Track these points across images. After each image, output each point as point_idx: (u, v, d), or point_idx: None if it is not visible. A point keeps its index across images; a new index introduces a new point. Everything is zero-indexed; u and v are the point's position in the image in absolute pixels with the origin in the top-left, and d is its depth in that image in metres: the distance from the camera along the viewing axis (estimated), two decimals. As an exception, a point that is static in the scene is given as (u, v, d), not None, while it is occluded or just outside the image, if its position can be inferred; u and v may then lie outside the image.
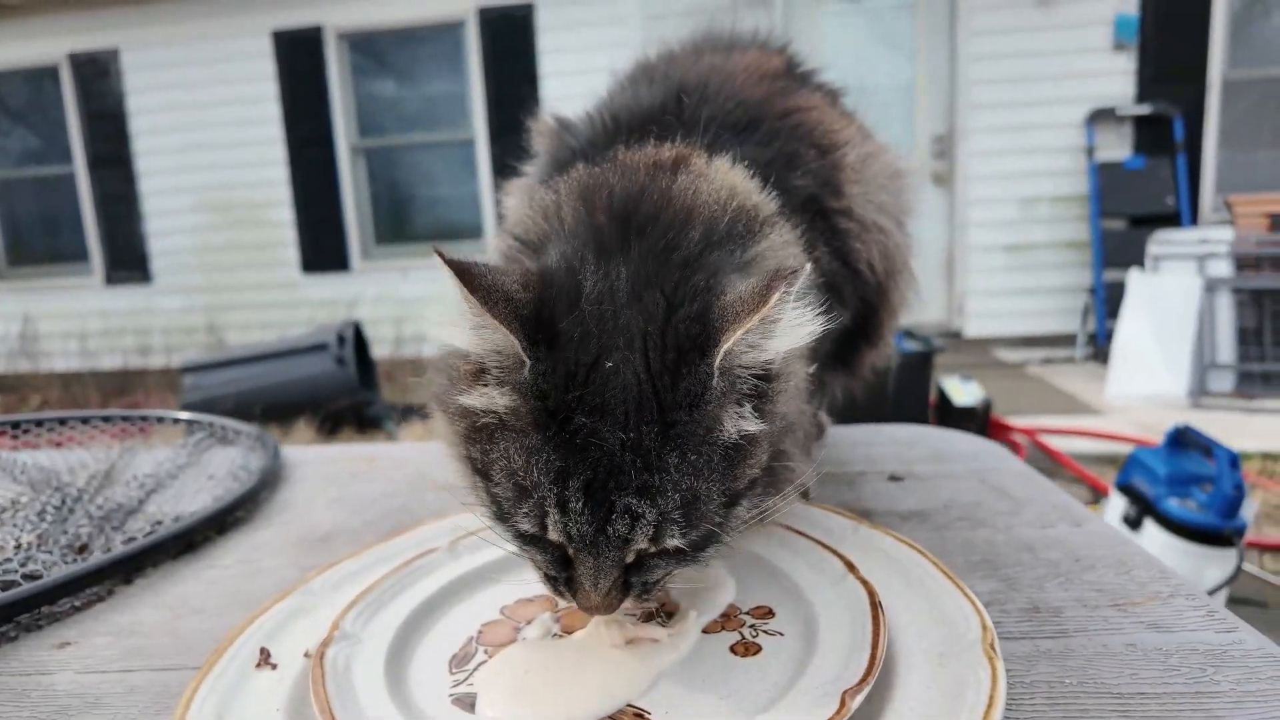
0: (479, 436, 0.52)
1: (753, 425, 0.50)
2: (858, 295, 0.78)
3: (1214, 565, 2.43)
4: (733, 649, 0.54)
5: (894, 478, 0.94)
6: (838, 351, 0.83)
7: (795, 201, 0.70)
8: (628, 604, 0.52)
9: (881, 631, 0.50)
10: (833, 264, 0.74)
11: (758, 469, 0.52)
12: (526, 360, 0.49)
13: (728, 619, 0.58)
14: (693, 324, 0.49)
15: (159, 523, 0.91)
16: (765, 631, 0.56)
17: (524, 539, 0.52)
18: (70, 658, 0.67)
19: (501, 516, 0.52)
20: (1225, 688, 0.52)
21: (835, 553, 0.62)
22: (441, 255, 0.48)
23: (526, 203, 0.64)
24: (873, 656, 0.47)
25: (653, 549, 0.50)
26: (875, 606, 0.53)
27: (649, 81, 0.77)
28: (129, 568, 0.82)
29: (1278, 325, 4.54)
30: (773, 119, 0.73)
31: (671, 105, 0.72)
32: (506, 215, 0.83)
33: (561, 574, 0.52)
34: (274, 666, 0.56)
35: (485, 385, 0.50)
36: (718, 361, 0.48)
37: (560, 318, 0.50)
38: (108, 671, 0.64)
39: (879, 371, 0.92)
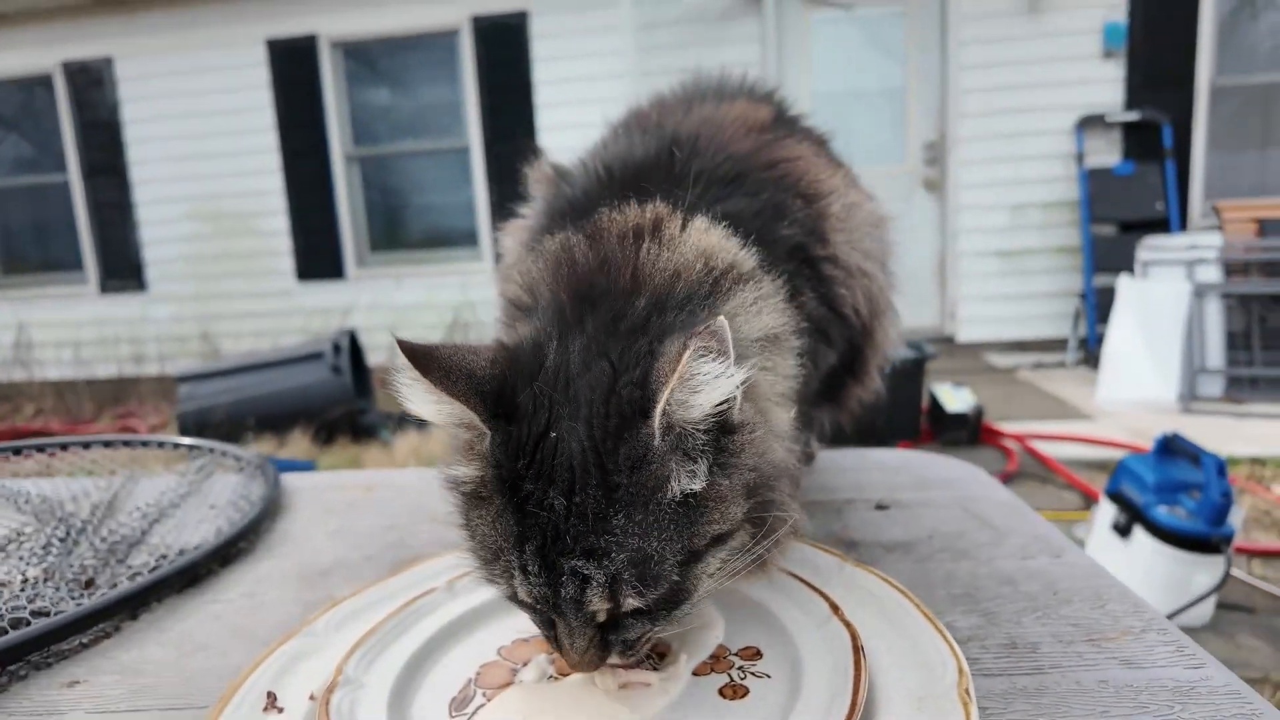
0: (467, 504, 0.56)
1: (701, 483, 0.52)
2: (844, 337, 0.81)
3: (1202, 572, 2.46)
4: (721, 692, 0.57)
5: (880, 506, 0.96)
6: (826, 389, 0.86)
7: (782, 250, 0.73)
8: (613, 659, 0.55)
9: (862, 677, 0.52)
10: (819, 309, 0.77)
11: (726, 524, 0.53)
12: (486, 431, 0.52)
13: (717, 660, 0.60)
14: (634, 389, 0.51)
15: (164, 556, 0.93)
16: (753, 673, 0.58)
17: (511, 600, 0.56)
18: (80, 696, 0.68)
19: (487, 579, 0.56)
20: (1191, 725, 0.54)
21: (821, 593, 0.64)
22: (400, 344, 0.52)
23: (521, 261, 0.68)
24: (852, 704, 0.50)
25: (616, 609, 0.52)
26: (857, 650, 0.55)
27: (642, 131, 0.80)
28: (135, 603, 0.84)
29: (1266, 330, 4.58)
30: (759, 171, 0.75)
31: (664, 158, 0.75)
32: (505, 255, 0.87)
33: (549, 632, 0.55)
34: (280, 710, 0.58)
35: (470, 459, 0.54)
36: (657, 422, 0.50)
37: (521, 392, 0.53)
38: (118, 711, 0.66)
39: (866, 405, 0.95)
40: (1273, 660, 2.25)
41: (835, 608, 0.61)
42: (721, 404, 0.51)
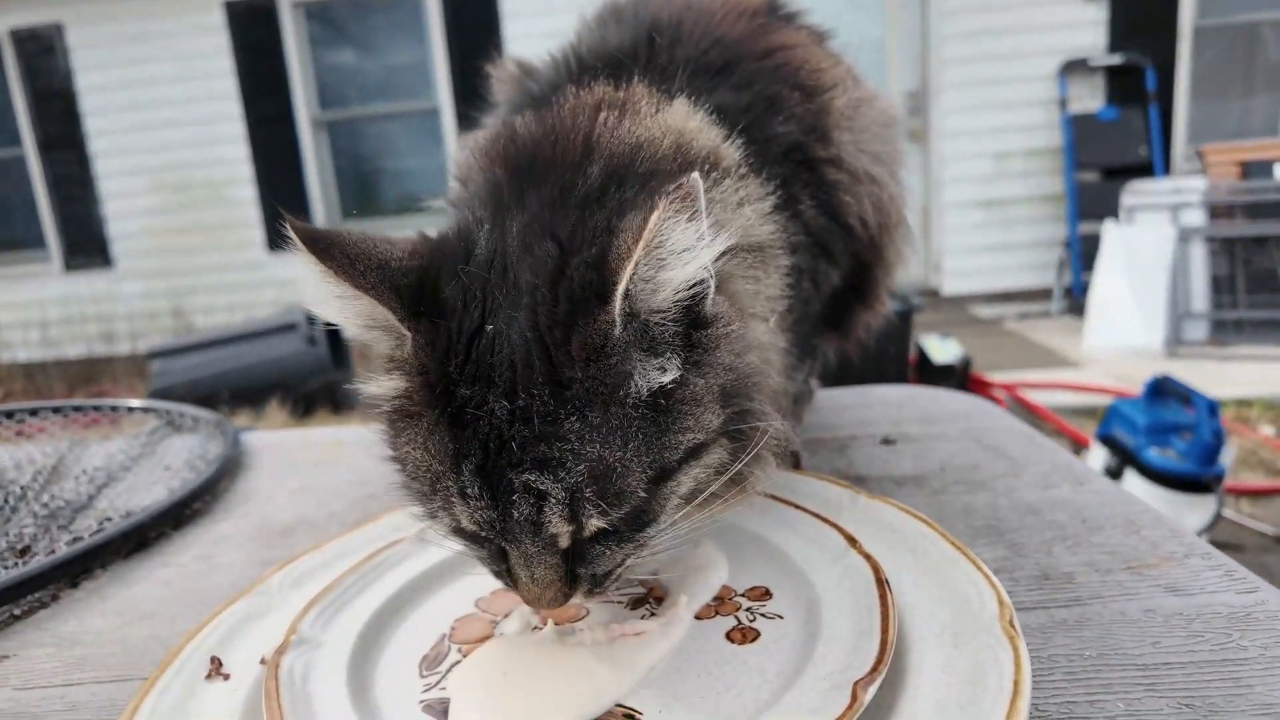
0: (393, 428, 0.47)
1: (671, 375, 0.44)
2: (849, 252, 0.73)
3: (1194, 512, 2.46)
4: (729, 635, 0.50)
5: (886, 441, 0.90)
6: (829, 313, 0.78)
7: (776, 150, 0.64)
8: (578, 599, 0.47)
9: (891, 613, 0.45)
10: (820, 219, 0.68)
11: (699, 434, 0.45)
12: (406, 333, 0.44)
13: (721, 602, 0.54)
14: (588, 270, 0.43)
15: (109, 519, 0.85)
16: (763, 614, 0.52)
17: (455, 534, 0.47)
18: (9, 672, 0.61)
19: (427, 514, 0.48)
20: (1253, 653, 0.49)
21: (834, 525, 0.58)
22: (289, 223, 0.44)
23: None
24: (883, 642, 0.43)
25: (579, 532, 0.44)
26: (882, 584, 0.49)
27: (617, 21, 0.71)
28: (75, 570, 0.76)
29: (1250, 273, 4.57)
30: (752, 59, 0.66)
31: (641, 46, 0.66)
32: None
33: (501, 566, 0.47)
34: (226, 677, 0.51)
35: (390, 369, 0.46)
36: (618, 307, 0.42)
37: (445, 283, 0.45)
38: (49, 686, 0.59)
39: (874, 332, 0.87)
40: (1266, 596, 2.25)
41: (852, 540, 0.55)
42: (694, 286, 0.44)
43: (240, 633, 0.55)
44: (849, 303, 0.79)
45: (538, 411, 0.41)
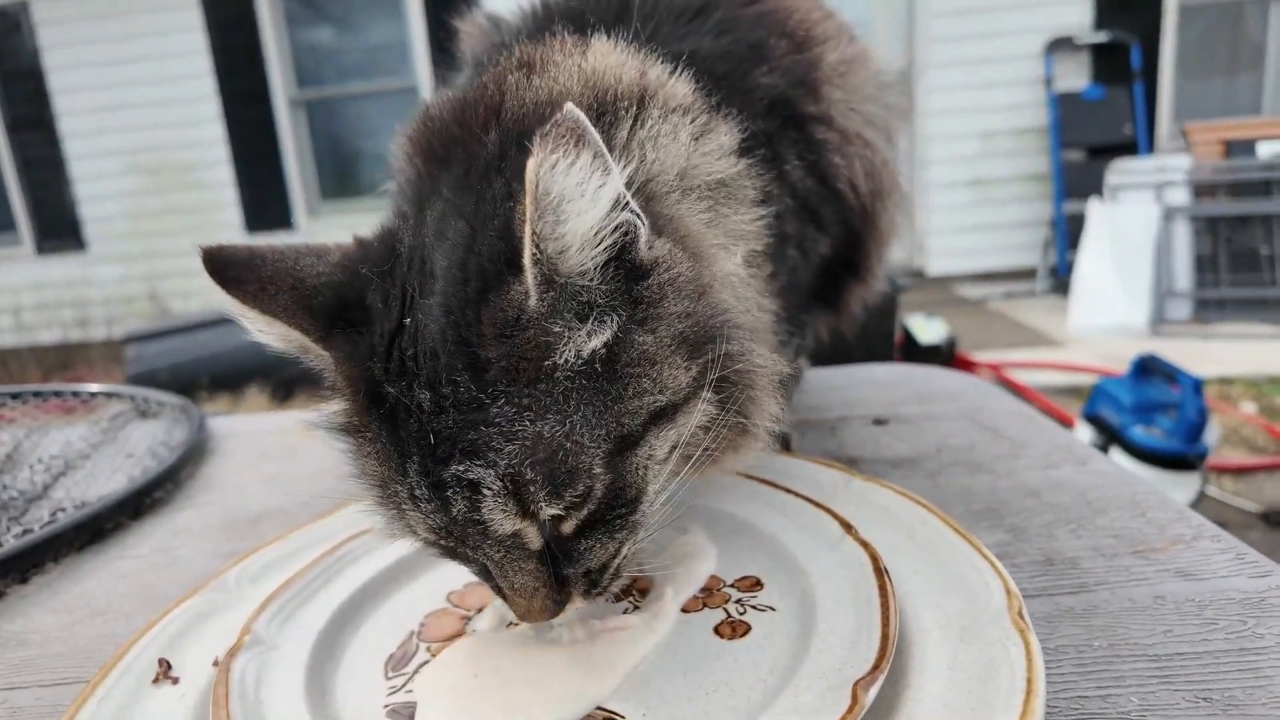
0: (349, 448, 0.45)
1: (603, 339, 0.39)
2: (839, 220, 0.68)
3: (1178, 489, 2.46)
4: (718, 630, 0.47)
5: (878, 421, 0.87)
6: (820, 287, 0.74)
7: (758, 103, 0.59)
8: (578, 603, 0.43)
9: (891, 605, 0.42)
10: (807, 181, 0.64)
11: (662, 395, 0.41)
12: (322, 352, 0.43)
13: (709, 594, 0.50)
14: (494, 241, 0.39)
15: (62, 510, 0.80)
16: (754, 607, 0.48)
17: (427, 547, 0.44)
18: (-53, 676, 0.57)
19: (387, 529, 0.44)
20: (1270, 641, 0.46)
21: (828, 511, 0.54)
22: (203, 251, 0.42)
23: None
24: (884, 637, 0.40)
25: (542, 526, 0.41)
26: (881, 574, 0.45)
27: None
28: (25, 564, 0.72)
29: (1233, 251, 4.58)
30: (734, 5, 0.62)
31: None
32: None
33: (490, 581, 0.44)
34: (175, 681, 0.47)
35: (331, 390, 0.45)
36: (529, 275, 0.37)
37: (368, 291, 0.42)
38: (-11, 691, 0.55)
39: (872, 311, 0.83)
40: (1249, 573, 2.26)
41: (848, 527, 0.51)
42: (613, 232, 0.39)
43: (192, 632, 0.51)
44: (840, 276, 0.75)
45: (459, 398, 0.38)
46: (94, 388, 1.16)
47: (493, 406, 0.38)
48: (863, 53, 0.69)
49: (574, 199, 0.36)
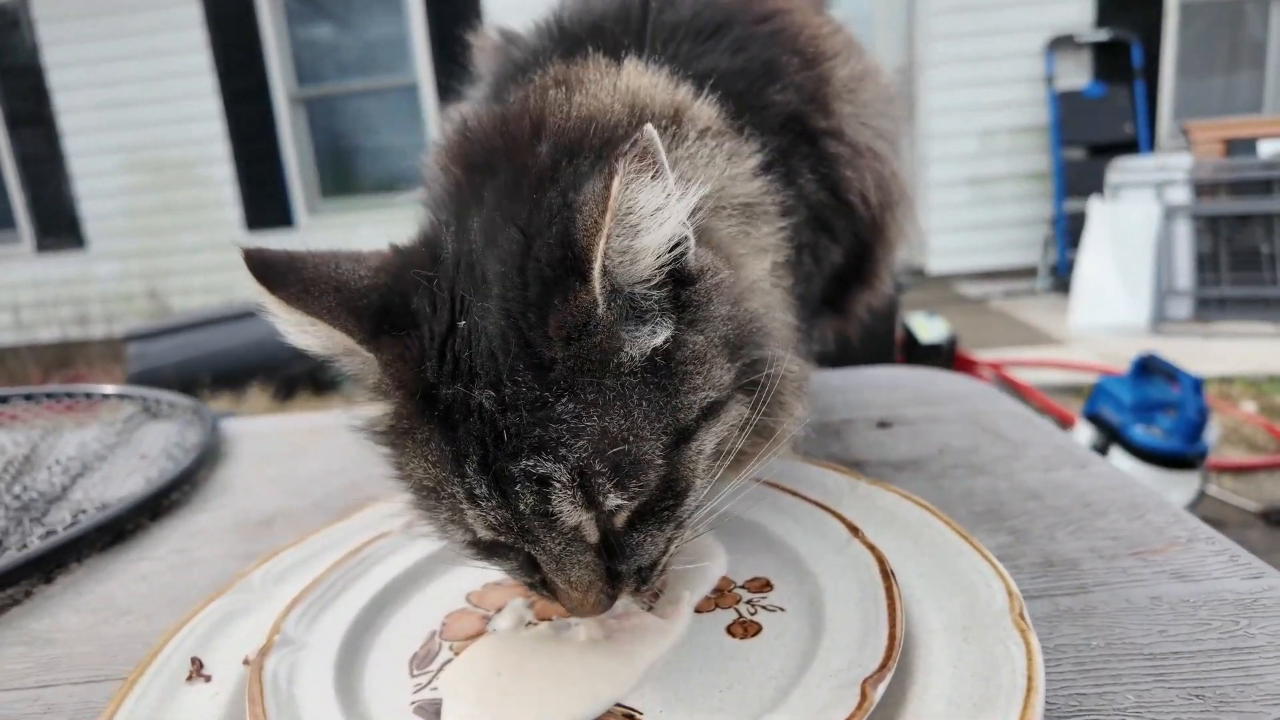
0: (393, 451, 0.46)
1: (664, 335, 0.42)
2: (850, 230, 0.70)
3: (1178, 488, 2.48)
4: (730, 630, 0.48)
5: (882, 424, 0.89)
6: (829, 293, 0.76)
7: (773, 119, 0.62)
8: (625, 600, 0.45)
9: (898, 606, 0.44)
10: (820, 193, 0.66)
11: (712, 391, 0.44)
12: (368, 355, 0.43)
13: (721, 595, 0.52)
14: (554, 249, 0.40)
15: (83, 511, 0.82)
16: (765, 607, 0.50)
17: (474, 548, 0.45)
18: (-21, 673, 0.59)
19: (438, 529, 0.46)
20: (1261, 641, 0.48)
21: (835, 514, 0.56)
22: (245, 254, 0.43)
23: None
24: (891, 637, 0.41)
25: (603, 515, 0.42)
26: (887, 576, 0.47)
27: None
28: (49, 565, 0.73)
29: (1233, 250, 4.60)
30: (747, 23, 0.64)
31: (630, 6, 0.63)
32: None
33: (535, 576, 0.45)
34: (208, 679, 0.49)
35: (374, 393, 0.45)
36: (598, 286, 0.40)
37: (413, 295, 0.43)
38: (22, 688, 0.57)
39: (875, 312, 0.85)
40: (1246, 570, 2.28)
41: (854, 530, 0.53)
42: (674, 247, 0.41)
43: (221, 631, 0.53)
44: (848, 282, 0.77)
45: (525, 397, 0.40)
46: (109, 389, 1.18)
47: (558, 404, 0.40)
48: (871, 67, 0.71)
49: (650, 216, 0.39)
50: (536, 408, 0.40)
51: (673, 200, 0.39)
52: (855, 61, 0.68)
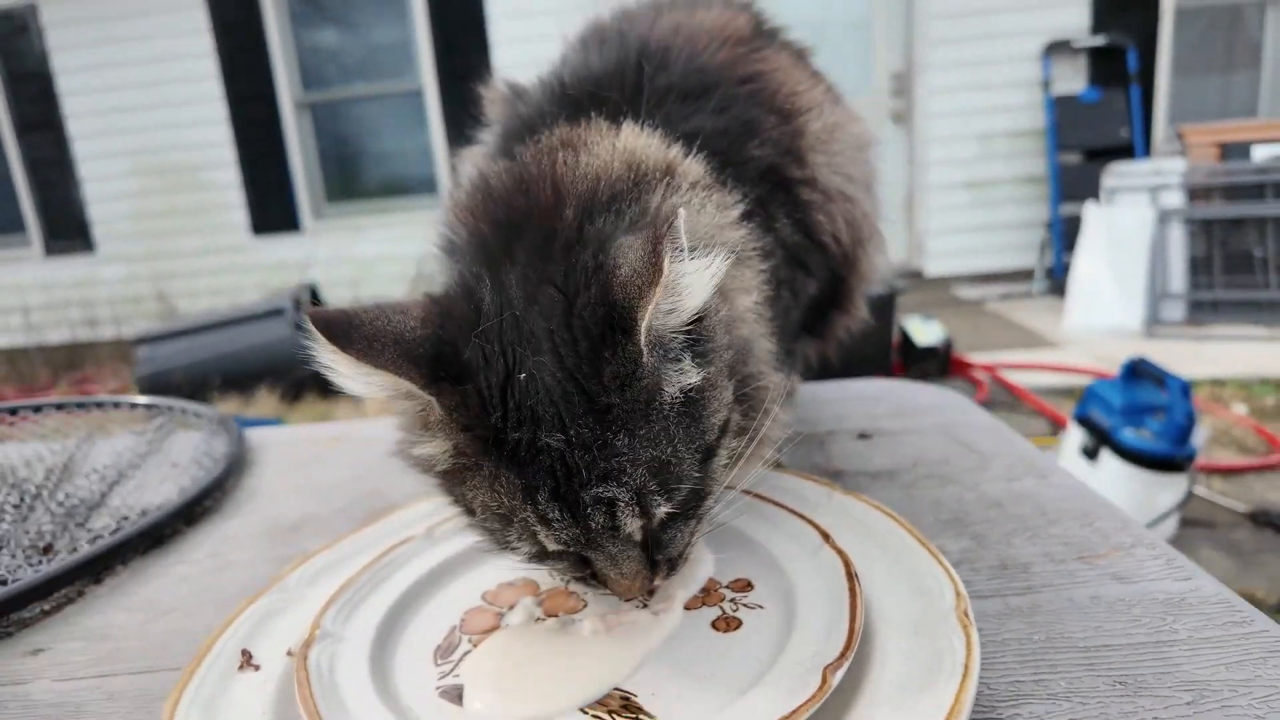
0: (449, 481, 0.53)
1: (695, 375, 0.50)
2: (825, 266, 0.78)
3: (1166, 490, 2.54)
4: (714, 625, 0.55)
5: (863, 435, 0.95)
6: (808, 321, 0.83)
7: (753, 172, 0.69)
8: (659, 580, 0.54)
9: (858, 605, 0.51)
10: (795, 236, 0.73)
11: (725, 411, 0.53)
12: (429, 399, 0.49)
13: (708, 593, 0.59)
14: (596, 308, 0.48)
15: (125, 517, 0.89)
16: (745, 605, 0.57)
17: (534, 558, 0.53)
18: (45, 665, 0.65)
19: (503, 546, 0.53)
20: (1183, 635, 0.54)
21: (810, 522, 0.63)
22: (311, 316, 0.47)
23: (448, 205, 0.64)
24: (850, 630, 0.48)
25: (652, 522, 0.50)
26: (851, 578, 0.54)
27: (600, 44, 0.74)
28: (99, 567, 0.80)
29: (1226, 254, 4.66)
30: (729, 85, 0.70)
31: (626, 70, 0.70)
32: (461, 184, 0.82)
33: (586, 572, 0.53)
34: (256, 668, 0.56)
35: (430, 432, 0.51)
36: (644, 339, 0.47)
37: (464, 346, 0.49)
38: (85, 678, 0.63)
39: (853, 334, 0.92)
40: (1231, 572, 2.34)
41: (826, 536, 0.60)
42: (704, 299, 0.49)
43: (264, 627, 0.60)
44: (826, 311, 0.85)
45: (588, 438, 0.47)
46: (143, 400, 1.25)
47: (616, 440, 0.47)
48: (845, 118, 0.78)
49: (689, 284, 0.47)
50: (600, 446, 0.47)
51: (706, 270, 0.47)
52: (829, 114, 0.75)
